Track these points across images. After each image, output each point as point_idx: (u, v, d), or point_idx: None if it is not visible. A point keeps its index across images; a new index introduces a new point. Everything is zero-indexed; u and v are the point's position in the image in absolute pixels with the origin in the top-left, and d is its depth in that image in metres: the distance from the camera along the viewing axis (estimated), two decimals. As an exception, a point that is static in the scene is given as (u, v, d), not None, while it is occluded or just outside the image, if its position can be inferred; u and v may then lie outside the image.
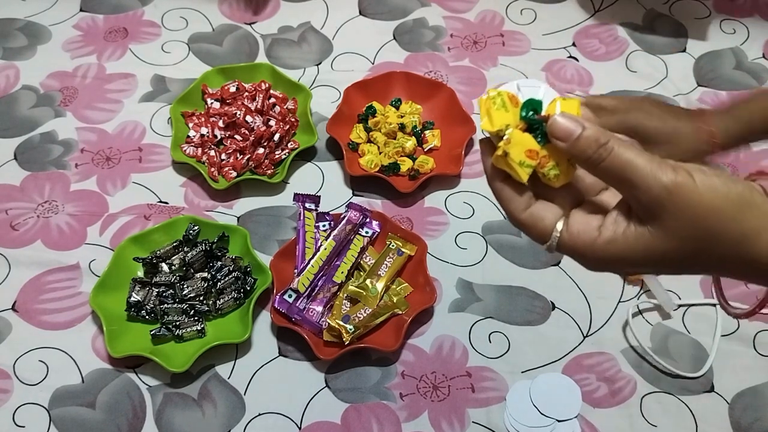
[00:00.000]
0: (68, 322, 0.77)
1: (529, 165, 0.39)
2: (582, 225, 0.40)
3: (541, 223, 0.41)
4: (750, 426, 0.71)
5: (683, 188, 0.36)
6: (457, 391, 0.73)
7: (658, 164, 0.37)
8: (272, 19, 1.09)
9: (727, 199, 0.36)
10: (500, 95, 0.40)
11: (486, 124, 0.40)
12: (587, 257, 0.40)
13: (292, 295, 0.76)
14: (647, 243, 0.38)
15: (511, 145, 0.39)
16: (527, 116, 0.40)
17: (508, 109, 0.40)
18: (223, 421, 0.71)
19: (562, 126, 0.38)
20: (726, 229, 0.37)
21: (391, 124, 0.91)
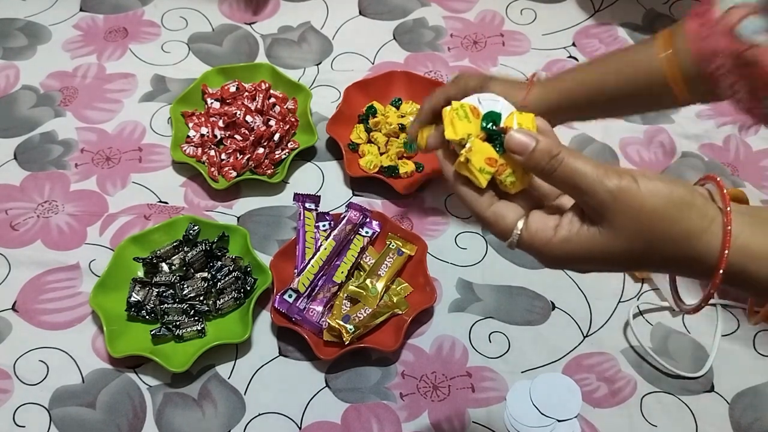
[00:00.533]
0: (68, 322, 0.77)
1: (488, 172, 0.43)
2: (540, 224, 0.43)
3: (503, 221, 0.44)
4: (750, 426, 0.71)
5: (627, 192, 0.39)
6: (457, 391, 0.73)
7: (605, 171, 0.40)
8: (272, 19, 1.09)
9: (669, 201, 0.39)
10: (463, 107, 0.44)
11: (449, 132, 0.44)
12: (543, 254, 0.43)
13: (292, 295, 0.76)
14: (598, 243, 0.41)
15: (473, 153, 0.43)
16: (487, 127, 0.44)
17: (470, 120, 0.44)
18: (223, 421, 0.71)
19: (518, 140, 0.42)
20: (668, 230, 0.40)
21: (392, 125, 0.91)
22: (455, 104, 0.45)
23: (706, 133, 0.94)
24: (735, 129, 0.94)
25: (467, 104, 0.45)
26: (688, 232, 0.40)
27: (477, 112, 0.45)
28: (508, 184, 0.44)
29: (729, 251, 0.39)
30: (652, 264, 0.42)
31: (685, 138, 0.94)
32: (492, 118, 0.44)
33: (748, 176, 0.90)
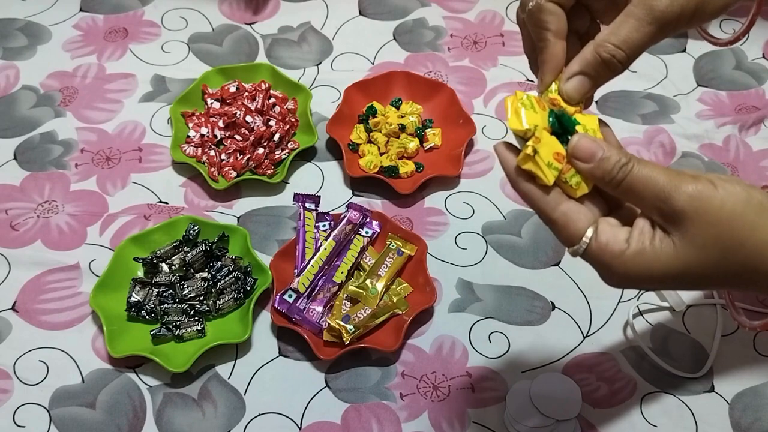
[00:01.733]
0: (68, 322, 0.77)
1: (555, 168, 0.40)
2: (610, 236, 0.40)
3: (573, 225, 0.41)
4: (750, 426, 0.71)
5: (705, 196, 0.37)
6: (457, 391, 0.73)
7: (677, 175, 0.38)
8: (272, 19, 1.09)
9: (748, 205, 0.37)
10: (529, 97, 0.41)
11: (515, 122, 0.40)
12: (613, 269, 0.40)
13: (292, 295, 0.76)
14: (673, 254, 0.38)
15: (541, 145, 0.39)
16: (554, 122, 0.40)
17: (536, 111, 0.41)
18: (223, 421, 0.71)
19: (586, 147, 0.39)
20: (747, 236, 0.37)
21: (392, 125, 0.91)
22: (519, 94, 0.42)
23: (706, 133, 0.94)
24: (735, 129, 0.94)
25: (532, 95, 0.42)
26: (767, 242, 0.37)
27: (542, 104, 0.42)
28: (573, 185, 0.41)
29: None
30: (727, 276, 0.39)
31: (685, 138, 0.94)
32: (557, 115, 0.41)
33: (748, 176, 0.90)
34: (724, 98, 0.99)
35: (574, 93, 0.43)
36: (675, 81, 1.01)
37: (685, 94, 0.99)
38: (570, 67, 0.43)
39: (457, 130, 0.92)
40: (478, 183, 0.89)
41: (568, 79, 0.43)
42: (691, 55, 1.04)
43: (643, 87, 1.00)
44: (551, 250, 0.83)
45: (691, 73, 1.02)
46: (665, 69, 1.02)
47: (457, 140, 0.91)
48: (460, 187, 0.89)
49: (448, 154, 0.91)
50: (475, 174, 0.90)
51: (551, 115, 0.41)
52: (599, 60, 0.42)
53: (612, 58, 0.42)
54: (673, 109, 0.98)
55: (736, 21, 1.08)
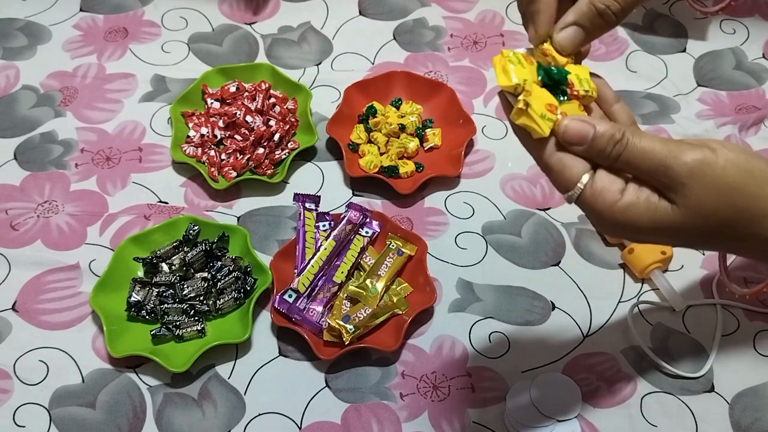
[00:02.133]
0: (68, 322, 0.77)
1: (549, 119, 0.39)
2: (606, 183, 0.40)
3: (568, 171, 0.41)
4: (750, 426, 0.71)
5: (706, 165, 0.36)
6: (457, 391, 0.73)
7: (677, 145, 0.37)
8: (272, 19, 1.09)
9: (750, 175, 0.37)
10: (516, 54, 0.41)
11: (503, 79, 0.40)
12: (604, 217, 0.40)
13: (292, 295, 0.76)
14: (668, 217, 0.38)
15: (533, 97, 0.39)
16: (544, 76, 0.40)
17: (524, 66, 0.41)
18: (223, 421, 0.71)
19: (575, 130, 0.39)
20: (748, 205, 0.37)
21: (392, 125, 0.91)
22: (506, 52, 0.42)
23: (706, 133, 0.94)
24: (735, 129, 0.94)
25: (519, 52, 0.42)
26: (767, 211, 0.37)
27: (530, 59, 0.42)
28: None
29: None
30: (725, 242, 0.39)
31: (685, 138, 0.94)
32: (549, 73, 0.41)
33: (748, 176, 0.90)
34: (724, 98, 0.99)
35: (568, 43, 0.44)
36: (675, 81, 1.01)
37: (685, 94, 0.99)
38: (564, 18, 0.44)
39: (457, 130, 0.92)
40: (478, 183, 0.89)
41: (562, 29, 0.44)
42: (691, 55, 1.04)
43: (643, 87, 1.00)
44: (551, 250, 0.83)
45: (691, 73, 1.02)
46: (665, 69, 1.02)
47: (457, 140, 0.91)
48: (460, 187, 0.89)
49: (448, 154, 0.91)
50: (475, 174, 0.90)
51: (540, 69, 0.41)
52: (594, 11, 0.43)
53: (607, 9, 0.42)
54: (673, 109, 0.98)
55: (736, 21, 1.08)
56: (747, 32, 1.07)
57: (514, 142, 0.44)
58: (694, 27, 1.08)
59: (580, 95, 0.42)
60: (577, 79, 0.42)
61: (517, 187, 0.89)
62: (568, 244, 0.84)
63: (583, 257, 0.83)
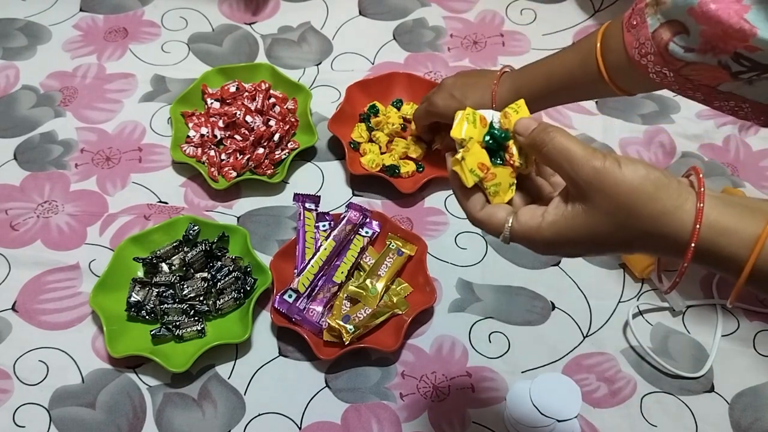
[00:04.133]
0: (68, 322, 0.77)
1: (476, 174, 0.47)
2: (528, 215, 0.47)
3: (494, 218, 0.48)
4: (750, 426, 0.71)
5: (609, 170, 0.42)
6: (457, 391, 0.73)
7: (591, 152, 0.43)
8: (272, 19, 1.09)
9: (646, 179, 0.42)
10: (474, 114, 0.48)
11: (455, 131, 0.48)
12: (535, 241, 0.46)
13: (292, 295, 0.76)
14: (581, 220, 0.44)
15: (469, 154, 0.47)
16: (487, 140, 0.48)
17: (476, 127, 0.48)
18: (223, 421, 0.71)
19: (524, 123, 0.47)
20: (645, 205, 0.42)
21: (394, 124, 0.91)
22: (469, 110, 0.48)
23: (706, 133, 0.94)
24: (735, 129, 0.94)
25: (479, 113, 0.48)
26: (663, 209, 0.42)
27: (485, 122, 0.48)
28: (492, 193, 0.48)
29: (701, 226, 0.41)
30: (630, 241, 0.44)
31: (685, 138, 0.94)
32: (493, 135, 0.48)
33: (748, 176, 0.90)
34: (724, 98, 0.99)
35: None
36: (675, 81, 1.01)
37: (685, 94, 0.99)
38: None
39: (457, 130, 0.92)
40: (478, 183, 0.89)
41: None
42: (691, 55, 1.04)
43: (643, 87, 1.00)
44: (551, 250, 0.83)
45: (691, 73, 1.02)
46: (665, 69, 1.02)
47: (457, 140, 0.91)
48: (460, 187, 0.89)
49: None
50: (475, 174, 0.90)
51: (487, 134, 0.48)
52: None
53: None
54: (673, 109, 0.98)
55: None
56: (747, 32, 1.07)
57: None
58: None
59: (515, 165, 0.48)
60: (519, 151, 0.48)
61: (517, 187, 0.89)
62: (568, 244, 0.84)
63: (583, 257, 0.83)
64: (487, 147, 0.48)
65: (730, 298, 0.46)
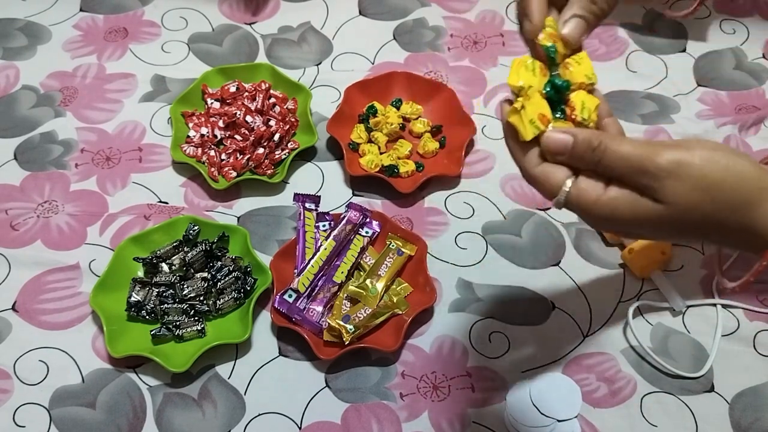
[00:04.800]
0: (68, 322, 0.77)
1: (537, 127, 0.42)
2: (590, 183, 0.42)
3: (552, 178, 0.43)
4: (750, 426, 0.71)
5: (683, 166, 0.39)
6: (457, 391, 0.73)
7: (653, 148, 0.39)
8: (272, 19, 1.09)
9: (727, 171, 0.39)
10: (534, 62, 0.44)
11: (511, 78, 0.43)
12: (591, 213, 0.43)
13: (292, 295, 0.76)
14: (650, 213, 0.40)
15: (529, 103, 0.42)
16: (548, 91, 0.43)
17: (535, 75, 0.43)
18: (223, 421, 0.71)
19: (555, 140, 0.42)
20: (728, 200, 0.39)
21: (392, 125, 0.91)
22: (526, 57, 0.45)
23: (706, 133, 0.94)
24: (735, 129, 0.94)
25: (538, 62, 0.44)
26: (747, 201, 0.39)
27: (544, 71, 0.44)
28: None
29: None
30: (706, 235, 0.41)
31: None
32: (555, 85, 0.44)
33: (748, 176, 0.90)
34: (724, 98, 0.99)
35: (573, 34, 0.46)
36: (675, 81, 1.01)
37: (685, 94, 0.99)
38: (565, 14, 0.47)
39: (457, 130, 0.92)
40: (478, 183, 0.89)
41: (565, 22, 0.46)
42: (691, 55, 1.04)
43: (643, 87, 1.00)
44: (551, 250, 0.83)
45: (691, 73, 1.02)
46: (665, 69, 1.02)
47: (457, 140, 0.91)
48: (460, 187, 0.89)
49: (448, 154, 0.91)
50: (475, 174, 0.90)
51: (548, 83, 0.44)
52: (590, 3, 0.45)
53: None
54: (673, 109, 0.98)
55: (736, 21, 1.08)
56: (747, 32, 1.07)
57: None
58: (694, 27, 1.08)
59: (577, 120, 0.44)
60: (581, 104, 0.44)
61: (517, 187, 0.89)
62: (568, 244, 0.84)
63: (583, 257, 0.83)
64: (548, 98, 0.44)
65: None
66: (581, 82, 0.46)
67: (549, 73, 0.45)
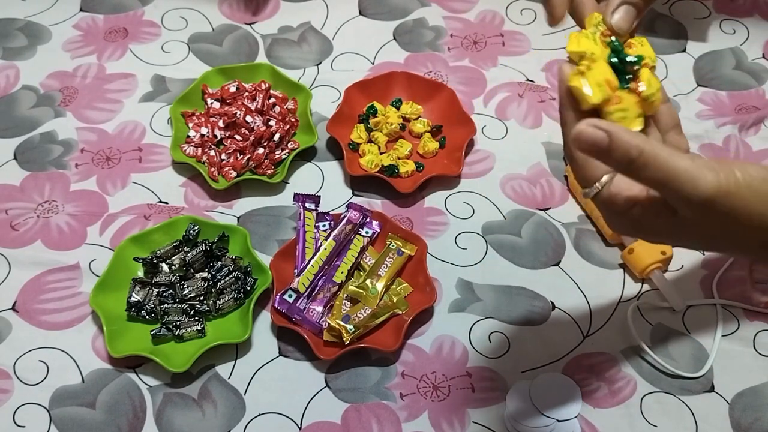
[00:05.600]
0: (68, 322, 0.77)
1: (603, 92, 0.39)
2: (624, 187, 0.40)
3: (591, 166, 0.41)
4: (750, 426, 0.71)
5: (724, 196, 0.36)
6: (457, 391, 0.73)
7: (698, 168, 0.36)
8: (272, 19, 1.09)
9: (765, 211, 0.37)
10: (594, 34, 0.41)
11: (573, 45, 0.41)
12: (614, 220, 0.42)
13: (292, 295, 0.76)
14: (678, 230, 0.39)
15: (596, 65, 0.39)
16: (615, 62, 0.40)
17: (597, 43, 0.41)
18: (223, 421, 0.71)
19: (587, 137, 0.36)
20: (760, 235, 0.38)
21: (392, 125, 0.91)
22: (584, 31, 0.43)
23: (706, 133, 0.94)
24: (735, 129, 0.94)
25: (597, 35, 0.43)
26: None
27: (604, 44, 0.42)
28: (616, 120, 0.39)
29: None
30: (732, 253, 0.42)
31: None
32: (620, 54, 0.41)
33: (748, 176, 0.90)
34: (724, 98, 0.99)
35: (623, 23, 0.44)
36: (675, 81, 1.01)
37: (685, 94, 0.99)
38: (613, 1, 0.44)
39: (457, 130, 0.92)
40: (478, 183, 0.89)
41: (614, 11, 0.44)
42: (691, 55, 1.04)
43: (643, 87, 1.00)
44: (551, 250, 0.84)
45: (691, 73, 1.02)
46: (665, 69, 1.02)
47: (457, 140, 0.91)
48: (460, 187, 0.89)
49: (448, 154, 0.91)
50: (475, 174, 0.90)
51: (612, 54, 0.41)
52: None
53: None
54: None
55: (736, 21, 1.08)
56: (747, 32, 1.07)
57: (514, 142, 0.45)
58: (694, 27, 1.08)
59: (643, 95, 0.41)
60: (647, 80, 0.42)
61: (517, 187, 0.89)
62: (568, 244, 0.84)
63: (583, 257, 0.83)
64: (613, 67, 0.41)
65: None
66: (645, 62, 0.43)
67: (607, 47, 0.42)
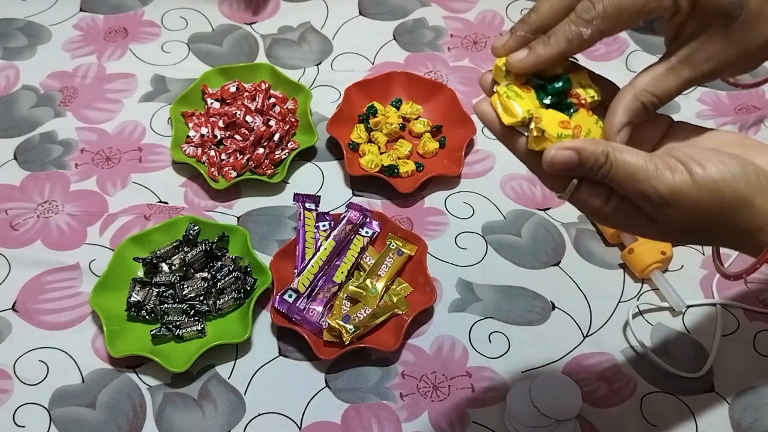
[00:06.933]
0: (68, 322, 0.77)
1: (567, 135, 0.40)
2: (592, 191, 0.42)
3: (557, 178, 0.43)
4: (750, 426, 0.71)
5: (680, 195, 0.39)
6: (457, 391, 0.73)
7: (655, 169, 0.40)
8: (272, 19, 1.09)
9: (723, 202, 0.39)
10: (510, 87, 0.42)
11: (508, 117, 0.41)
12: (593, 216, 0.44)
13: (292, 295, 0.76)
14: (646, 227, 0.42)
15: (544, 122, 0.40)
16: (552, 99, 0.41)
17: (523, 97, 0.41)
18: (223, 421, 0.71)
19: (560, 158, 0.40)
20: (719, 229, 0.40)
21: (392, 125, 0.91)
22: (500, 89, 0.43)
23: (706, 133, 0.94)
24: (735, 129, 0.94)
25: (513, 85, 0.42)
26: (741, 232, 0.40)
27: (525, 88, 0.43)
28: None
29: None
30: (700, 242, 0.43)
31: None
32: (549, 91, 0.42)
33: (748, 176, 0.90)
34: (724, 98, 0.99)
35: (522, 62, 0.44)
36: (675, 81, 1.01)
37: (685, 94, 0.99)
38: (618, 118, 0.44)
39: (457, 131, 0.92)
40: (478, 183, 0.89)
41: (619, 132, 0.44)
42: (691, 55, 1.04)
43: (643, 87, 1.00)
44: (551, 250, 0.84)
45: (691, 73, 1.02)
46: (665, 69, 1.02)
47: (457, 140, 0.91)
48: (460, 187, 0.89)
49: (448, 154, 0.91)
50: (475, 174, 0.90)
51: (539, 92, 0.42)
52: (641, 106, 0.44)
53: (651, 105, 0.44)
54: (673, 109, 0.98)
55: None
56: (747, 32, 1.07)
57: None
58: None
59: (587, 103, 0.43)
60: (581, 86, 0.43)
61: (517, 187, 0.89)
62: (568, 244, 0.84)
63: (583, 257, 0.83)
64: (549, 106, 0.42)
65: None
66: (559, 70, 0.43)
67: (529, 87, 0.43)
